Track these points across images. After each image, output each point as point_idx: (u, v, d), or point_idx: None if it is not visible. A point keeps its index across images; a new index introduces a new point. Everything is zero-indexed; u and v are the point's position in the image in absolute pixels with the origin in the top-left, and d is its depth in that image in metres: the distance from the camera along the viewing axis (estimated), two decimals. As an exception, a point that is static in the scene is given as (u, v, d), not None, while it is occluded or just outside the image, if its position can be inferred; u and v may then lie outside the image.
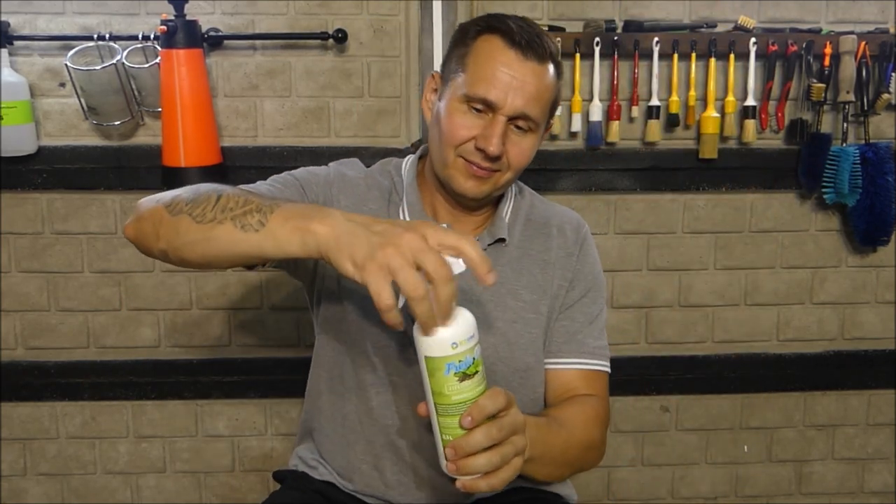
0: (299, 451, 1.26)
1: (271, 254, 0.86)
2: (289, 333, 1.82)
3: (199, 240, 0.90)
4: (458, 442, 0.81)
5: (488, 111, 1.05)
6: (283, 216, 0.85)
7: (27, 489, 1.85)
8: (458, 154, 1.07)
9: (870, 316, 1.91)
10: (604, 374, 1.19)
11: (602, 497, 1.95)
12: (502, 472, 0.84)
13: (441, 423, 0.82)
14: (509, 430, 0.84)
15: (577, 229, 1.22)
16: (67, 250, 1.75)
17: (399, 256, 0.75)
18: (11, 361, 1.78)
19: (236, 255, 0.89)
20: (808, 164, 1.78)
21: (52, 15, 1.66)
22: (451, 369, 0.79)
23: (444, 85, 1.11)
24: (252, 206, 0.87)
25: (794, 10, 1.77)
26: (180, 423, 1.84)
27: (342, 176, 1.17)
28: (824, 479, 1.98)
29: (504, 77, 1.04)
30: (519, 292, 1.15)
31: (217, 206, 0.90)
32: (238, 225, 0.87)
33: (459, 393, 0.80)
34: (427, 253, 0.76)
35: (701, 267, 1.86)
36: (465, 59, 1.07)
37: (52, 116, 1.71)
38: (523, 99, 1.04)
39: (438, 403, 0.82)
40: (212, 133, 1.64)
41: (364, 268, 0.76)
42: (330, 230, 0.80)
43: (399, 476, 1.13)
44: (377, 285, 0.75)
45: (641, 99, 1.75)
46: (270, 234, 0.85)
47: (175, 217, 0.92)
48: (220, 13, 1.68)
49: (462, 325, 0.79)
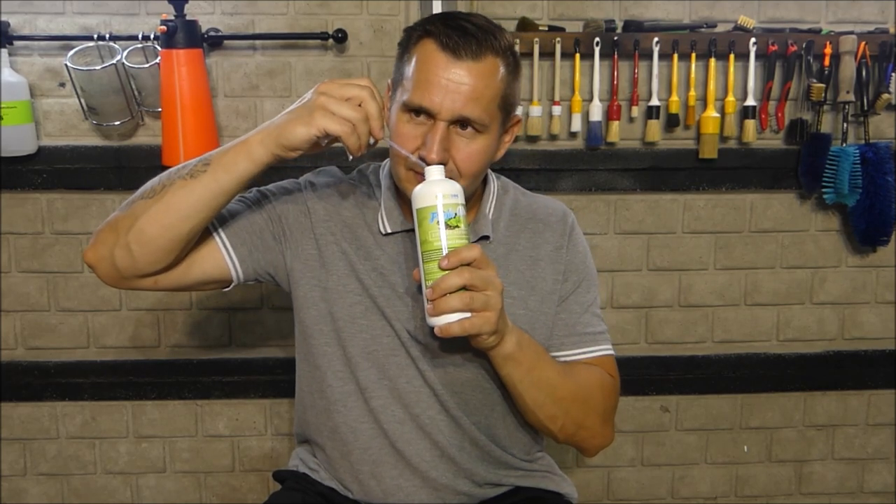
0: (300, 453, 1.26)
1: (228, 184, 0.99)
2: (289, 333, 1.81)
3: (157, 210, 1.00)
4: (437, 281, 0.92)
5: (428, 118, 1.02)
6: (221, 151, 1.01)
7: (27, 489, 1.85)
8: (408, 167, 1.04)
9: (870, 316, 1.91)
10: (609, 356, 1.18)
11: (602, 497, 1.95)
12: (475, 317, 0.93)
13: (426, 270, 0.95)
14: (483, 279, 0.93)
15: (562, 220, 1.20)
16: (67, 250, 1.75)
17: (328, 97, 0.96)
18: (11, 361, 1.78)
19: (194, 203, 0.99)
20: (808, 164, 1.78)
21: (52, 15, 1.66)
22: (435, 217, 0.94)
23: (392, 94, 1.09)
24: (191, 162, 1.02)
25: (794, 10, 1.77)
26: (180, 423, 1.84)
27: (312, 186, 1.17)
28: (824, 479, 1.98)
29: (439, 81, 0.99)
30: (506, 288, 1.13)
31: (160, 179, 1.03)
32: (187, 176, 1.00)
33: (441, 240, 0.94)
34: (344, 86, 0.97)
35: (701, 267, 1.86)
36: (405, 66, 1.05)
37: (52, 116, 1.71)
38: (461, 101, 0.99)
39: (424, 251, 0.95)
40: (212, 133, 1.64)
41: (312, 119, 0.95)
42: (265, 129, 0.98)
43: (398, 481, 1.13)
44: (331, 122, 0.95)
45: (641, 99, 1.75)
46: (218, 167, 0.99)
47: (128, 208, 1.03)
48: (220, 13, 1.68)
49: (448, 184, 0.96)
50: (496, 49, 1.02)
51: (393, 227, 1.13)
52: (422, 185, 0.96)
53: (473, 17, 1.04)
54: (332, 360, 1.13)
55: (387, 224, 1.13)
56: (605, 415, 1.14)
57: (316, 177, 1.20)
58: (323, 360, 1.13)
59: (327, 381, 1.13)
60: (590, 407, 1.11)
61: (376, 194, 1.16)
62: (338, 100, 0.96)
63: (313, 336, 1.14)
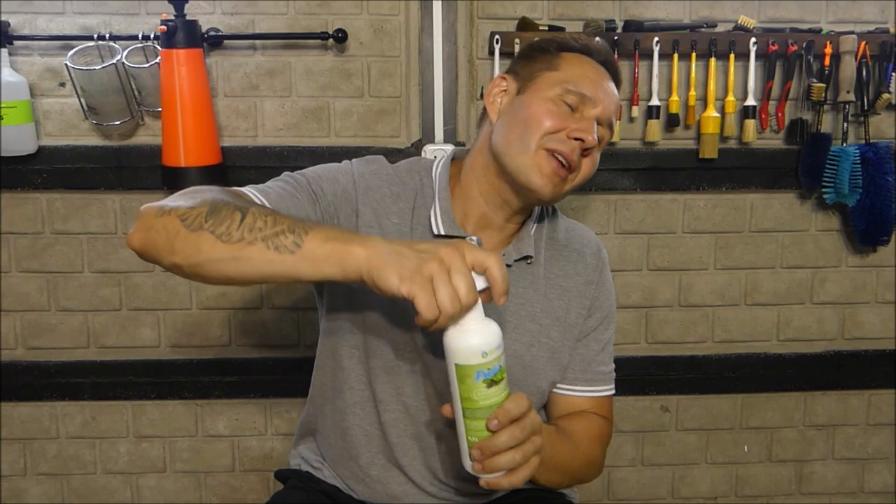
0: (301, 451, 1.26)
1: (307, 276, 0.86)
2: (289, 333, 1.82)
3: (225, 259, 0.86)
4: (485, 443, 0.86)
5: (579, 109, 1.07)
6: (321, 238, 0.85)
7: (27, 489, 1.85)
8: (544, 144, 1.05)
9: (870, 316, 1.91)
10: (611, 397, 1.21)
11: (602, 497, 1.95)
12: (522, 469, 0.88)
13: (468, 426, 0.87)
14: (530, 431, 0.88)
15: (596, 254, 1.21)
16: (67, 250, 1.75)
17: (443, 272, 0.79)
18: (11, 361, 1.78)
19: (268, 275, 0.87)
20: (808, 164, 1.77)
21: (52, 15, 1.66)
22: (481, 376, 0.84)
23: (523, 82, 1.11)
24: (284, 227, 0.86)
25: (794, 9, 1.77)
26: (180, 423, 1.84)
27: (364, 180, 1.12)
28: (824, 479, 1.98)
29: (598, 83, 1.08)
30: (537, 315, 1.14)
31: (244, 224, 0.86)
32: (271, 246, 0.85)
33: (487, 398, 0.85)
34: (461, 273, 0.80)
35: (701, 267, 1.86)
36: (556, 61, 1.10)
37: (52, 116, 1.71)
38: (612, 107, 1.10)
39: (466, 408, 0.86)
40: (212, 133, 1.64)
41: (412, 280, 0.79)
42: (372, 251, 0.82)
43: (405, 487, 1.13)
44: (426, 298, 0.78)
45: (641, 99, 1.75)
46: (307, 257, 0.84)
47: (195, 233, 0.87)
48: (220, 13, 1.68)
49: (491, 335, 0.84)
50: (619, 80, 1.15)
51: (447, 230, 1.10)
52: (459, 336, 0.84)
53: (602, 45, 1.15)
54: (355, 365, 1.12)
55: (441, 226, 1.10)
56: (602, 460, 1.18)
57: (366, 166, 1.14)
58: (348, 363, 1.13)
59: (349, 384, 1.13)
60: (593, 465, 1.16)
61: (428, 191, 1.13)
62: (447, 278, 0.79)
63: (343, 339, 1.13)
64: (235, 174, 1.71)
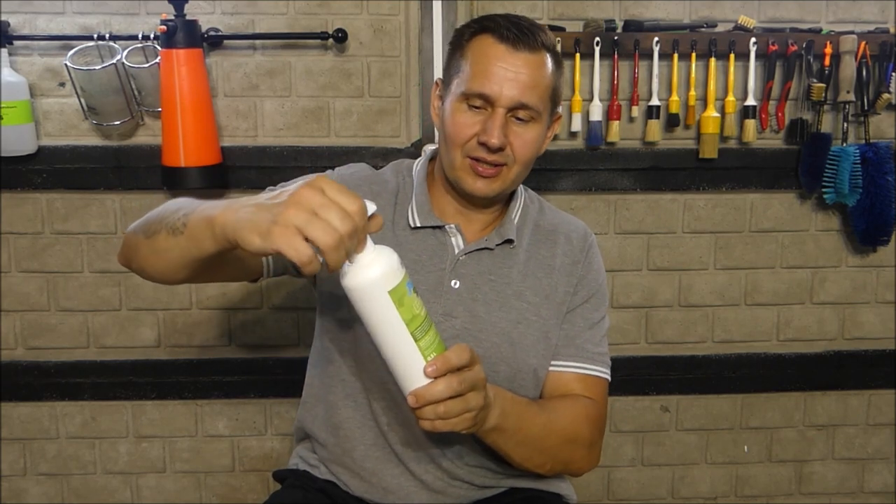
0: (299, 451, 1.26)
1: (197, 254, 0.87)
2: (289, 333, 1.82)
3: (148, 254, 0.94)
4: (421, 391, 0.86)
5: (487, 106, 1.07)
6: (199, 214, 0.85)
7: (27, 489, 1.85)
8: (465, 154, 1.09)
9: (870, 316, 1.91)
10: (602, 380, 1.19)
11: (602, 497, 1.95)
12: (454, 420, 0.89)
13: (424, 346, 0.85)
14: (470, 385, 0.88)
15: (583, 238, 1.22)
16: (67, 250, 1.75)
17: (302, 212, 0.74)
18: (11, 361, 1.78)
19: (177, 261, 0.90)
20: (808, 164, 1.77)
21: (52, 15, 1.66)
22: (410, 286, 0.84)
23: (445, 89, 1.14)
24: (182, 212, 0.88)
25: (794, 9, 1.77)
26: (180, 423, 1.84)
27: (343, 180, 1.17)
28: (824, 479, 1.98)
29: (498, 71, 1.06)
30: (524, 293, 1.15)
31: (160, 219, 0.92)
32: (169, 231, 0.89)
33: (422, 306, 0.85)
34: (326, 207, 0.75)
35: (701, 267, 1.86)
36: (461, 60, 1.10)
37: (51, 116, 1.71)
38: (518, 89, 1.06)
39: (416, 328, 0.84)
40: (212, 133, 1.64)
41: (270, 233, 0.74)
42: (229, 216, 0.79)
43: (399, 480, 1.14)
44: (288, 245, 0.73)
45: (641, 99, 1.75)
46: (189, 234, 0.86)
47: (135, 237, 0.97)
48: (220, 13, 1.68)
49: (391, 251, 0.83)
50: (546, 45, 1.09)
51: (423, 222, 1.14)
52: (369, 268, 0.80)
53: (522, 18, 1.11)
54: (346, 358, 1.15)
55: (416, 218, 1.14)
56: (593, 445, 1.15)
57: (346, 171, 1.21)
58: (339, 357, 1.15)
59: (340, 376, 1.15)
60: (577, 444, 1.12)
61: (407, 188, 1.18)
62: (308, 215, 0.74)
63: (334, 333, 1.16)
64: (235, 174, 1.71)
